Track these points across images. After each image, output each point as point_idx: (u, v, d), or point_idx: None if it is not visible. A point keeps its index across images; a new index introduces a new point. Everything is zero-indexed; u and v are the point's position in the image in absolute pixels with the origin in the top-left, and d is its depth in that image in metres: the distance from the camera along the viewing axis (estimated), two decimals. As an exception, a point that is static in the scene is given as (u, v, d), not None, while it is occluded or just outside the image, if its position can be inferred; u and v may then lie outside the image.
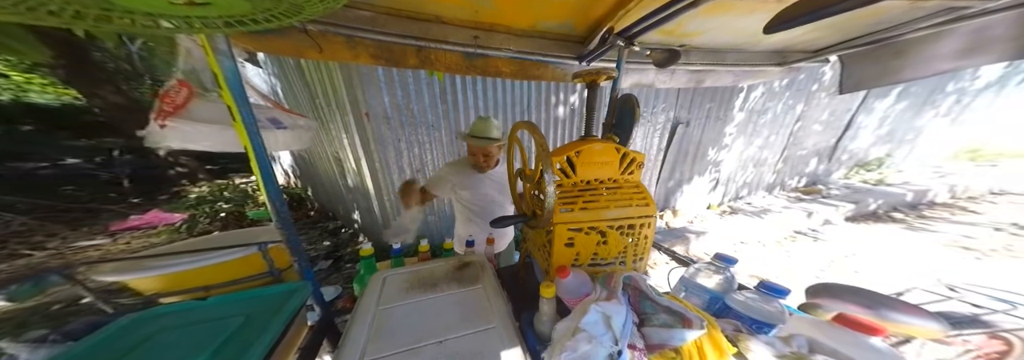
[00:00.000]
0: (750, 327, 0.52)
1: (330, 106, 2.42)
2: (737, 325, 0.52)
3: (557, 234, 0.73)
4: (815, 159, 5.04)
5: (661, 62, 0.89)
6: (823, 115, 4.50)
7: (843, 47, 1.29)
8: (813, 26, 1.12)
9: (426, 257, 1.02)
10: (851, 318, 0.49)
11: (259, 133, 0.71)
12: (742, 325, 0.52)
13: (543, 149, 0.62)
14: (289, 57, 2.50)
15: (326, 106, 2.48)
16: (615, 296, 0.58)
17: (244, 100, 0.69)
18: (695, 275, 0.68)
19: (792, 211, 4.01)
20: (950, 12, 0.96)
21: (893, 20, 1.08)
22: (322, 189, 3.84)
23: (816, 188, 4.86)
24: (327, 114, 2.53)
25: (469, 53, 0.98)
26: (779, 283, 0.55)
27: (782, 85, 3.77)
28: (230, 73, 0.66)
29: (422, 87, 2.24)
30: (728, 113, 3.65)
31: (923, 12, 1.00)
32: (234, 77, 0.66)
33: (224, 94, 0.67)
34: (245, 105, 0.69)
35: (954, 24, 0.98)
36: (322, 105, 2.54)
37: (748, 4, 0.88)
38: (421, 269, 0.91)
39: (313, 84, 2.49)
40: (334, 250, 3.10)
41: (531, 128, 0.70)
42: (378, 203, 2.58)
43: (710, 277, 0.64)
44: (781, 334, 0.48)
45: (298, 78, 2.66)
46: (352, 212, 3.22)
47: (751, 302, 0.55)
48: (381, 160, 2.34)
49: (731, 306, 0.58)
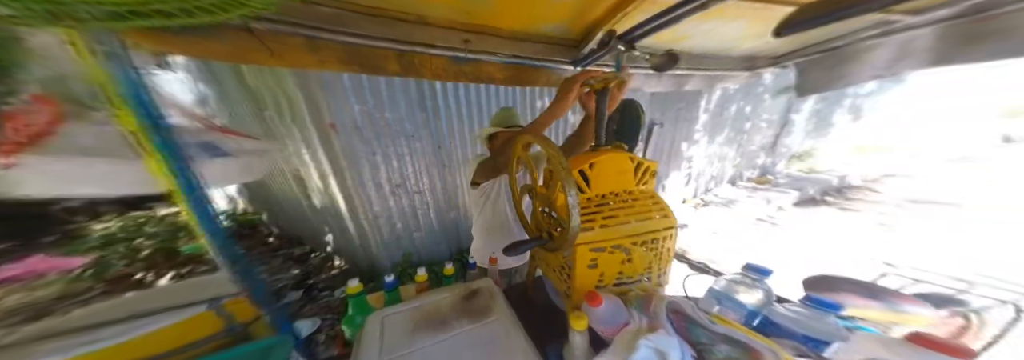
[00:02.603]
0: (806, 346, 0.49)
1: (283, 118, 2.13)
2: (800, 348, 0.48)
3: (579, 255, 0.66)
4: (763, 153, 5.61)
5: (660, 66, 0.87)
6: (767, 114, 5.03)
7: (799, 55, 1.41)
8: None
9: (424, 287, 0.89)
10: (928, 338, 0.44)
11: (190, 167, 0.53)
12: (805, 348, 0.48)
13: (560, 165, 0.54)
14: (226, 63, 2.17)
15: (278, 118, 2.19)
16: (660, 324, 0.52)
17: (159, 121, 0.49)
18: (727, 287, 0.65)
19: (753, 200, 4.40)
20: (883, 25, 1.09)
21: (840, 31, 1.21)
22: (281, 212, 3.43)
23: (766, 178, 5.40)
24: (281, 128, 2.24)
25: (458, 58, 0.88)
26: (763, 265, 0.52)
27: (735, 88, 4.13)
28: (128, 83, 0.47)
29: (396, 93, 2.07)
30: (694, 114, 3.92)
31: (863, 24, 1.12)
32: (135, 88, 0.47)
33: (121, 115, 0.48)
34: (161, 130, 0.49)
35: (886, 37, 1.12)
36: (273, 117, 2.23)
37: (736, 11, 0.90)
38: (424, 304, 0.79)
39: (258, 93, 2.16)
40: (304, 278, 2.76)
41: (542, 140, 0.62)
42: (353, 223, 2.34)
43: (745, 291, 0.61)
44: (855, 359, 0.46)
45: (235, 86, 2.29)
46: (322, 235, 2.91)
47: (799, 317, 0.53)
48: (354, 176, 2.12)
49: (776, 322, 0.55)
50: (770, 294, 0.60)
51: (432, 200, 2.60)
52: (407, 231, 2.57)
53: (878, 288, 0.98)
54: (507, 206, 1.19)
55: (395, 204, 2.41)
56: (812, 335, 0.50)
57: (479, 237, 1.28)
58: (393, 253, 2.58)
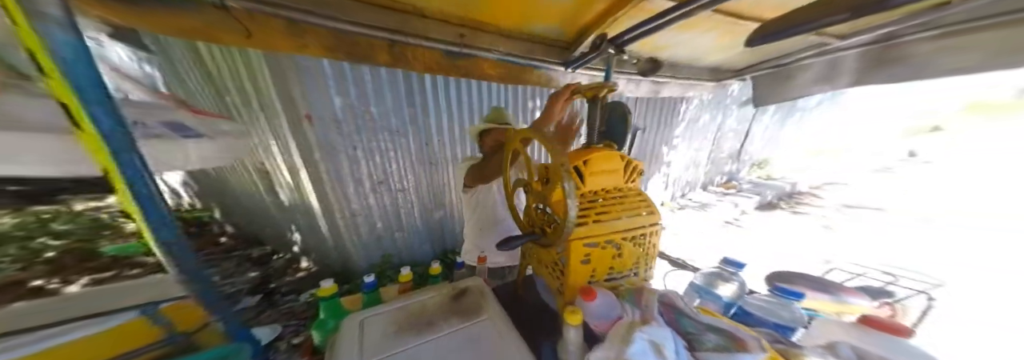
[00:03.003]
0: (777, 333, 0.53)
1: (249, 106, 1.97)
2: (774, 335, 0.53)
3: (573, 251, 0.67)
4: (730, 160, 6.05)
5: (646, 71, 0.92)
6: (734, 124, 5.44)
7: (755, 69, 1.55)
8: (738, 51, 1.33)
9: (408, 288, 0.86)
10: (876, 320, 0.51)
11: (134, 146, 0.46)
12: (777, 335, 0.53)
13: (559, 159, 0.55)
14: (194, 40, 1.96)
15: (243, 106, 2.02)
16: (652, 317, 0.54)
17: (98, 91, 0.43)
18: (706, 281, 0.69)
19: (723, 204, 4.70)
20: (819, 46, 1.24)
21: (787, 49, 1.35)
22: (238, 209, 3.15)
23: (732, 184, 5.83)
24: (245, 115, 2.07)
25: (453, 52, 0.87)
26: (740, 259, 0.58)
27: (708, 98, 4.43)
28: (65, 48, 0.40)
29: (383, 87, 1.99)
30: (673, 120, 4.14)
31: (804, 45, 1.27)
32: (76, 55, 0.41)
33: (53, 82, 0.41)
34: (100, 101, 0.43)
35: (820, 57, 1.28)
36: (236, 104, 2.06)
37: (710, 23, 0.97)
38: (409, 304, 0.76)
39: (219, 75, 1.97)
40: (264, 282, 2.55)
41: (540, 136, 0.63)
42: (327, 221, 2.20)
43: (722, 283, 0.66)
44: (820, 342, 0.51)
45: (193, 66, 2.07)
46: (288, 234, 2.71)
47: (770, 306, 0.58)
48: (331, 171, 2.00)
49: (750, 311, 0.59)
50: (744, 286, 0.65)
51: (416, 199, 2.51)
52: (388, 231, 2.46)
53: (827, 282, 1.10)
54: (499, 205, 1.19)
55: (376, 202, 2.30)
56: (781, 322, 0.55)
57: (470, 238, 1.27)
58: (371, 254, 2.45)
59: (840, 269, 1.37)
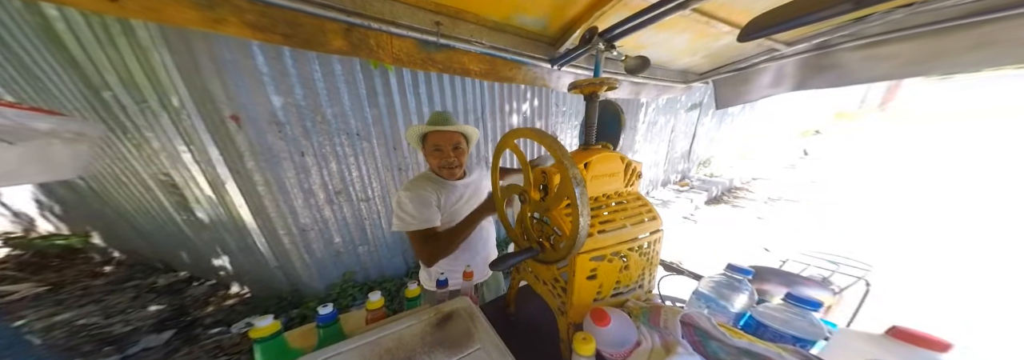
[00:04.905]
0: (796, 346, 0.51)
1: (142, 103, 1.58)
2: (801, 352, 0.49)
3: (578, 266, 0.59)
4: (682, 159, 6.56)
5: (633, 69, 0.88)
6: (683, 126, 5.91)
7: (716, 73, 1.65)
8: (703, 54, 1.39)
9: (380, 316, 0.71)
10: (909, 332, 0.44)
11: None
12: (804, 352, 0.49)
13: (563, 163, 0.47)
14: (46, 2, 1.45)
15: (135, 104, 1.61)
16: (675, 342, 0.48)
17: None
18: (713, 290, 0.66)
19: (680, 200, 5.06)
20: (770, 52, 1.33)
21: (744, 54, 1.44)
22: (131, 231, 2.58)
23: (686, 182, 6.33)
24: (136, 115, 1.66)
25: (427, 42, 0.74)
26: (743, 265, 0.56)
27: (662, 103, 4.74)
28: None
29: (339, 86, 1.74)
30: (638, 124, 4.34)
31: (758, 49, 1.36)
32: None
33: None
34: None
35: (771, 62, 1.37)
36: (120, 102, 1.63)
37: (685, 24, 0.97)
38: (381, 338, 0.62)
39: (91, 63, 1.53)
40: (178, 314, 2.11)
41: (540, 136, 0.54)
42: (267, 239, 1.88)
43: (730, 293, 0.63)
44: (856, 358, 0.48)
45: (42, 47, 1.56)
46: (211, 257, 2.30)
47: (785, 316, 0.55)
48: (270, 180, 1.70)
49: (765, 323, 0.56)
50: (753, 294, 0.63)
51: (384, 208, 2.26)
52: (349, 245, 2.18)
53: (791, 276, 1.14)
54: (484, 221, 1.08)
55: (333, 214, 2.03)
56: (799, 335, 0.52)
57: None
58: (328, 273, 2.16)
59: (794, 260, 1.46)
